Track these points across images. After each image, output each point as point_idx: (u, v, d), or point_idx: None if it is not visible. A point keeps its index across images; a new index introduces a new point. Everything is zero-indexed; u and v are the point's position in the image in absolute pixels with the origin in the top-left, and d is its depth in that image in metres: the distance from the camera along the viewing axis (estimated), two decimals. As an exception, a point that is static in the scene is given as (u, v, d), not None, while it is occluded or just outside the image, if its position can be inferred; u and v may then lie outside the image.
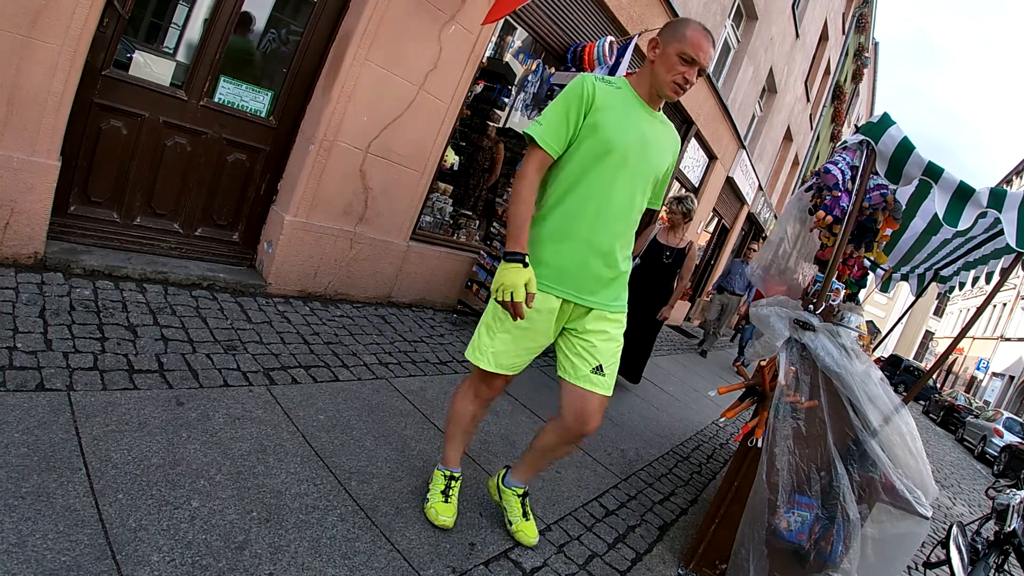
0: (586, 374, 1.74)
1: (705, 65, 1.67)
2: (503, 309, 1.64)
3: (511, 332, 1.72)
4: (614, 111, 1.66)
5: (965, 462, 11.95)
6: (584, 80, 1.65)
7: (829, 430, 2.02)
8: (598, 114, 1.63)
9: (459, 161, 5.17)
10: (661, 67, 1.67)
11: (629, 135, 1.67)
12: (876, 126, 2.20)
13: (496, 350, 1.74)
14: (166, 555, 1.42)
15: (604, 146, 1.64)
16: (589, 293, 1.73)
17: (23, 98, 2.43)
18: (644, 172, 1.72)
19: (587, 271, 1.70)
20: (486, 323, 1.78)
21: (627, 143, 1.66)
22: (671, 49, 1.65)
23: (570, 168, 1.67)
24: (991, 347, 26.74)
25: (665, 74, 1.67)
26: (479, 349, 1.77)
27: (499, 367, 1.75)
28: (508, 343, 1.74)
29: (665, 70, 1.66)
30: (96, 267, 2.81)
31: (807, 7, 11.48)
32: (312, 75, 3.49)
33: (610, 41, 4.74)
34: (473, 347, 1.79)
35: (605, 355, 1.76)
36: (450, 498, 1.96)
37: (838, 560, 1.99)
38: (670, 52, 1.65)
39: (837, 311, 2.33)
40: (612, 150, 1.64)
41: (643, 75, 1.74)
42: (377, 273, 4.09)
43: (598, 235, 1.68)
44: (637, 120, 1.70)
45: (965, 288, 3.99)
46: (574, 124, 1.64)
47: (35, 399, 1.79)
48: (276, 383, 2.48)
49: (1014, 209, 2.05)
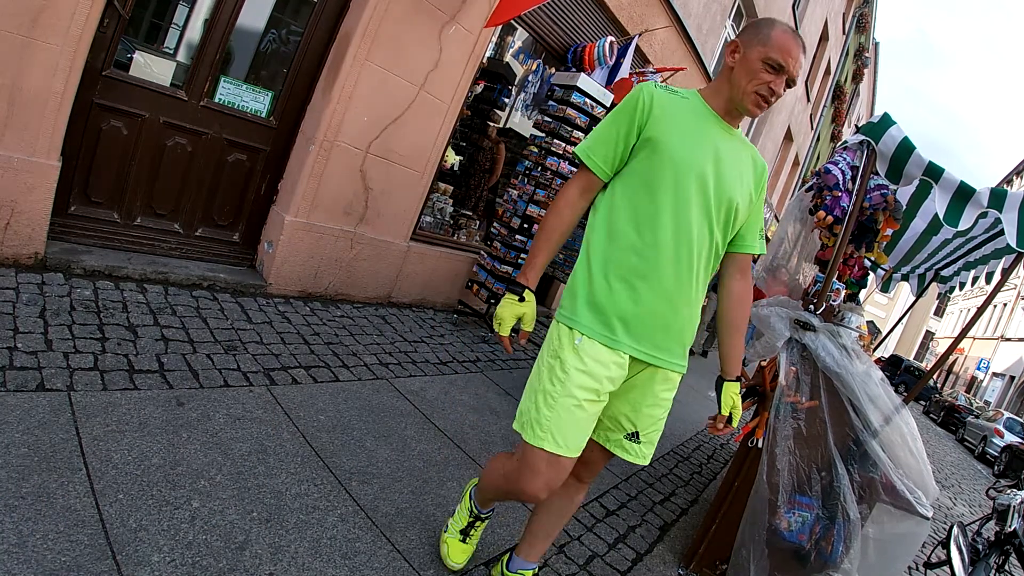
0: (618, 439, 1.49)
1: (794, 74, 1.39)
2: (561, 368, 1.36)
3: (575, 396, 1.34)
4: (678, 124, 1.38)
5: (965, 462, 11.94)
6: (641, 89, 1.39)
7: (829, 430, 2.02)
8: (657, 127, 1.37)
9: (459, 161, 5.18)
10: (742, 75, 1.39)
11: (697, 153, 1.37)
12: (876, 126, 2.20)
13: (559, 422, 1.34)
14: (166, 555, 1.42)
15: (665, 166, 1.35)
16: (656, 348, 1.41)
17: (24, 98, 2.43)
18: (718, 200, 1.39)
19: (654, 319, 1.39)
20: (541, 389, 1.39)
21: (694, 163, 1.36)
22: (754, 53, 1.38)
23: (625, 192, 1.40)
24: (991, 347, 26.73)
25: (746, 83, 1.38)
26: (537, 424, 1.36)
27: (567, 447, 1.35)
28: (573, 411, 1.35)
29: (746, 79, 1.38)
30: (96, 267, 2.81)
31: (807, 7, 11.48)
32: (312, 75, 3.50)
33: (610, 41, 4.74)
34: (526, 419, 1.39)
35: (646, 421, 1.48)
36: (469, 539, 1.76)
37: (839, 560, 1.99)
38: (753, 57, 1.38)
39: (837, 311, 2.33)
40: (675, 171, 1.35)
41: (720, 85, 1.46)
42: (377, 273, 4.09)
43: (662, 275, 1.37)
44: (709, 136, 1.41)
45: (965, 288, 3.99)
46: (624, 139, 1.39)
47: (35, 399, 1.79)
48: (276, 383, 2.48)
49: (1014, 209, 2.06)
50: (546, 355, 1.43)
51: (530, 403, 1.40)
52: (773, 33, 1.39)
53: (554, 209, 1.46)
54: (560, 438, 1.34)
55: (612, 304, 1.37)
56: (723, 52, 1.52)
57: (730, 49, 1.44)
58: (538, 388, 1.40)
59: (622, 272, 1.37)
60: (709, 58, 7.20)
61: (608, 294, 1.38)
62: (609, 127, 1.42)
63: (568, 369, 1.35)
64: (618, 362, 1.38)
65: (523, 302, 1.43)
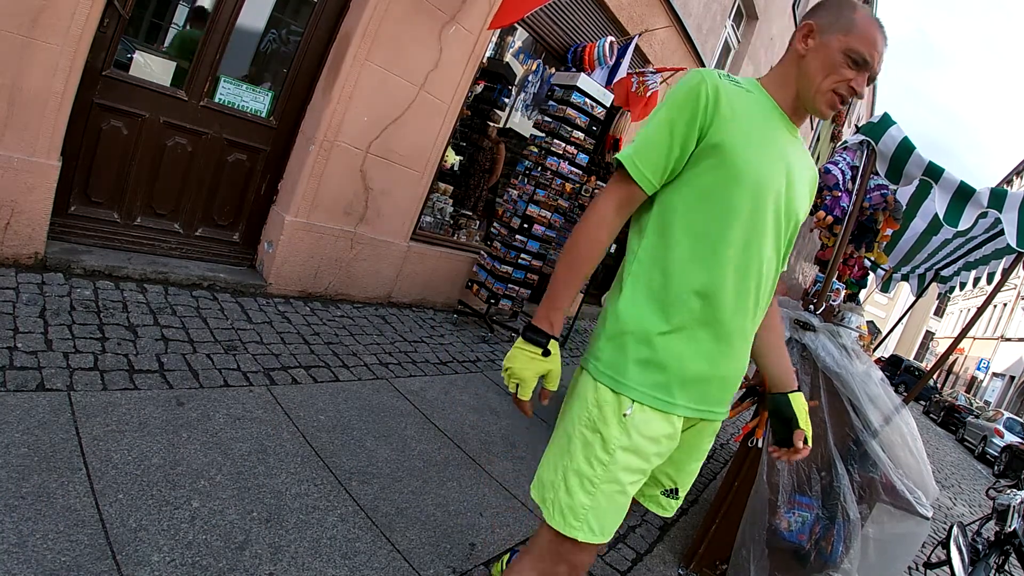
0: (654, 495, 1.29)
1: (878, 71, 1.14)
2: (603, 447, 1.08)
3: (619, 482, 1.10)
4: (749, 128, 1.09)
5: (965, 462, 11.94)
6: (703, 78, 1.08)
7: (829, 430, 2.02)
8: (725, 131, 1.07)
9: (459, 161, 5.18)
10: (817, 68, 1.12)
11: (773, 169, 1.10)
12: (876, 126, 2.20)
13: (598, 511, 1.10)
14: (166, 555, 1.42)
15: (742, 187, 1.07)
16: (714, 403, 1.18)
17: (24, 98, 2.43)
18: (787, 223, 1.16)
19: (715, 371, 1.14)
20: (575, 470, 1.10)
21: (772, 182, 1.10)
22: (835, 43, 1.11)
23: (687, 215, 1.10)
24: (991, 347, 26.73)
25: (822, 78, 1.12)
26: (571, 511, 1.09)
27: (603, 534, 1.12)
28: (616, 495, 1.10)
29: (822, 72, 1.12)
30: (96, 267, 2.81)
31: (807, 7, 11.48)
32: (312, 75, 3.50)
33: (610, 41, 4.74)
34: (556, 508, 1.11)
35: (687, 477, 1.29)
36: None
37: (839, 560, 1.99)
38: (833, 48, 1.11)
39: (837, 311, 2.33)
40: (754, 194, 1.08)
41: (786, 75, 1.17)
42: (377, 273, 4.09)
43: (726, 319, 1.11)
44: (779, 143, 1.14)
45: (966, 288, 3.99)
46: (681, 144, 1.08)
47: (35, 399, 1.79)
48: (276, 383, 2.48)
49: (1014, 209, 2.06)
50: (579, 424, 1.12)
51: (558, 481, 1.12)
52: (857, 18, 1.11)
53: (584, 232, 1.11)
54: (598, 526, 1.10)
55: (675, 361, 1.09)
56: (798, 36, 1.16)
57: (803, 33, 1.16)
58: (570, 467, 1.11)
59: (683, 320, 1.09)
60: (709, 58, 7.20)
61: (668, 348, 1.09)
62: (662, 129, 1.08)
63: (612, 449, 1.08)
64: (671, 433, 1.13)
65: (548, 357, 1.09)
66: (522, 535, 2.10)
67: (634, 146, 1.11)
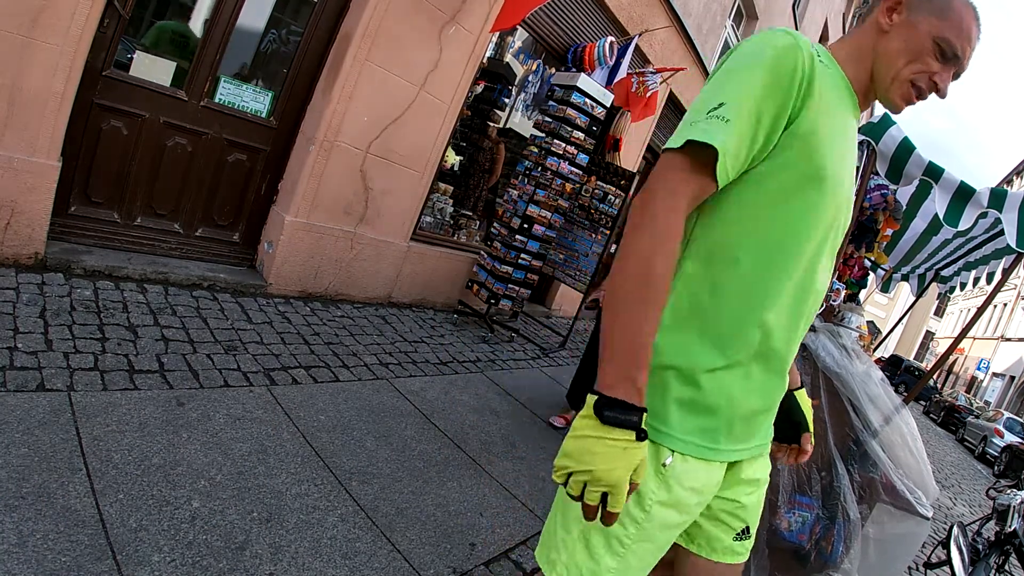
0: (728, 544, 1.02)
1: (966, 68, 0.95)
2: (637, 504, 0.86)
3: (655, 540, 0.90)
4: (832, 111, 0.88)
5: (966, 462, 11.94)
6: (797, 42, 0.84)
7: (830, 430, 2.02)
8: (815, 120, 0.84)
9: (459, 161, 5.18)
10: (899, 50, 0.92)
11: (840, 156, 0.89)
12: (877, 126, 2.20)
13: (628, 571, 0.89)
14: (167, 555, 1.42)
15: (824, 194, 0.87)
16: (762, 437, 1.00)
17: (24, 99, 2.43)
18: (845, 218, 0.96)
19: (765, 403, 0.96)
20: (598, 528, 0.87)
21: (843, 174, 0.91)
22: (924, 25, 0.91)
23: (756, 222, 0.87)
24: (991, 347, 26.73)
25: (903, 64, 0.92)
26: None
27: None
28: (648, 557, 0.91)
29: (905, 57, 0.91)
30: (96, 267, 2.81)
31: (807, 7, 11.48)
32: (312, 75, 3.50)
33: (610, 41, 4.74)
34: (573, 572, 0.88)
35: (754, 512, 1.04)
36: None
37: (839, 560, 1.99)
38: (922, 30, 0.91)
39: (838, 311, 2.33)
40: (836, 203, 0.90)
41: (862, 50, 0.96)
42: (377, 273, 4.09)
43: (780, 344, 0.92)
44: (848, 130, 0.93)
45: (966, 288, 3.99)
46: (770, 126, 0.83)
47: (36, 399, 1.79)
48: (277, 383, 2.48)
49: (1014, 209, 2.06)
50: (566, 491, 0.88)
51: (573, 540, 0.89)
52: (956, 4, 0.92)
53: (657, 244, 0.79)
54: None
55: (725, 402, 0.88)
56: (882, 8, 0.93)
57: (888, 5, 0.94)
58: (592, 524, 0.85)
59: (741, 354, 0.88)
60: (709, 58, 7.20)
61: (719, 388, 0.88)
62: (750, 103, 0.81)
63: (649, 506, 0.86)
64: (714, 481, 0.92)
65: (642, 441, 0.75)
66: (522, 535, 2.10)
67: (707, 126, 0.80)
